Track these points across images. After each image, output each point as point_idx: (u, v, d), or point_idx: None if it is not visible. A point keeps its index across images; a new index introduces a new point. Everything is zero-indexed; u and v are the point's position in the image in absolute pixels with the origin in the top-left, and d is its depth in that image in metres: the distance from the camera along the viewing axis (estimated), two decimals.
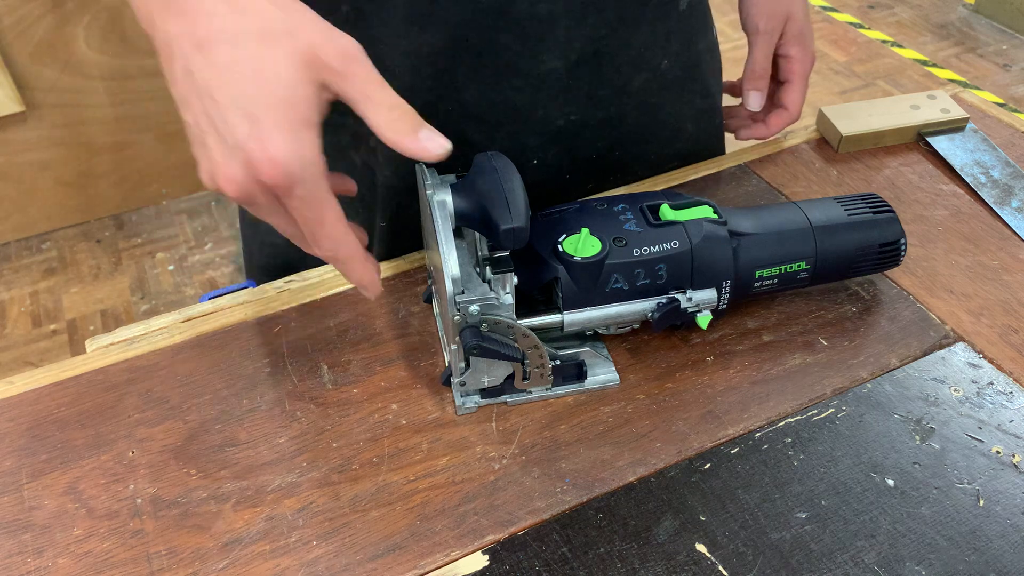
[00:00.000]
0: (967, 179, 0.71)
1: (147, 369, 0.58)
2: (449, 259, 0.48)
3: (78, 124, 2.04)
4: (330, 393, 0.56)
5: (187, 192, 2.25)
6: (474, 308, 0.49)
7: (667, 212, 0.54)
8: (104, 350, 0.60)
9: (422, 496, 0.50)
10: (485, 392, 0.54)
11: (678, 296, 0.54)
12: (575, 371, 0.55)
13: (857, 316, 0.59)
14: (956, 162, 0.72)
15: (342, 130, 0.64)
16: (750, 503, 0.48)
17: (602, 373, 0.55)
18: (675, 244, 0.53)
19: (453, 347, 0.51)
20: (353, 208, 0.67)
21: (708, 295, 0.54)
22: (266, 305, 0.62)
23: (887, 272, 0.62)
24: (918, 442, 0.51)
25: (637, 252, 0.53)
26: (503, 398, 0.54)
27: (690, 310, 0.54)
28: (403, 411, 0.54)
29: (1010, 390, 0.54)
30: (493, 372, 0.52)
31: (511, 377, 0.53)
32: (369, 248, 0.69)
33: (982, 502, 0.48)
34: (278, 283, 0.65)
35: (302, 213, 0.42)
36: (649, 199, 0.56)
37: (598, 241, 0.53)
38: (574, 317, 0.54)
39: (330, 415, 0.54)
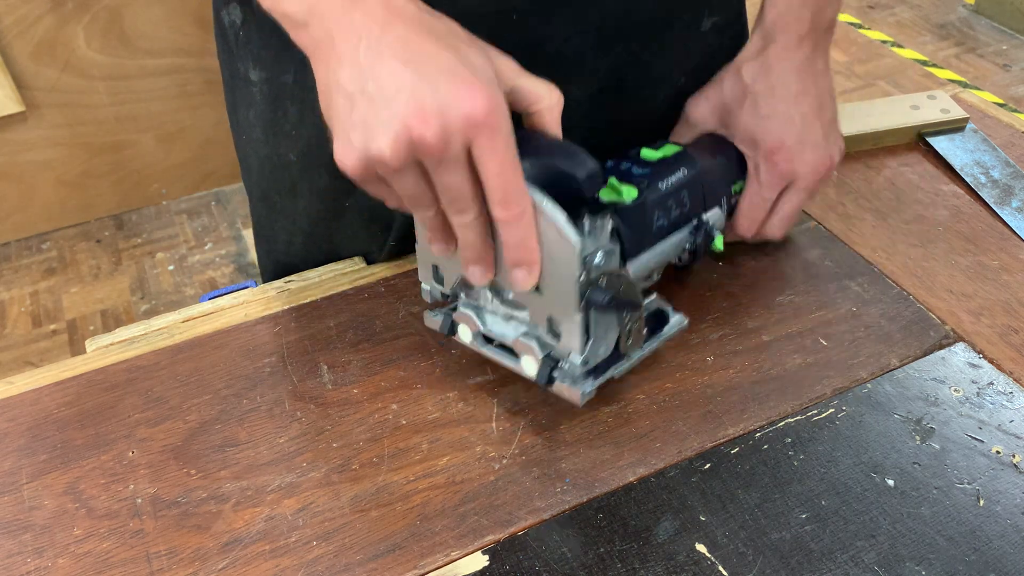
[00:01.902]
0: (967, 179, 0.71)
1: (147, 369, 0.58)
2: (557, 217, 0.44)
3: (78, 124, 2.04)
4: (330, 393, 0.56)
5: (187, 192, 2.25)
6: (598, 259, 0.45)
7: (652, 153, 0.55)
8: (104, 350, 0.60)
9: (422, 496, 0.50)
10: (596, 371, 0.50)
11: (702, 216, 0.56)
12: (654, 322, 0.53)
13: (857, 316, 0.59)
14: (956, 162, 0.72)
15: None
16: (750, 503, 0.48)
17: (672, 316, 0.54)
18: (684, 171, 0.54)
19: (573, 321, 0.46)
20: (371, 232, 0.67)
21: (717, 214, 0.56)
22: (266, 305, 0.62)
23: (887, 272, 0.62)
24: (918, 442, 0.51)
25: (663, 185, 0.52)
26: (609, 373, 0.50)
27: (711, 231, 0.56)
28: (403, 411, 0.54)
29: (1010, 390, 0.54)
30: (609, 338, 0.48)
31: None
32: (375, 258, 0.69)
33: (982, 502, 0.48)
34: (278, 283, 0.65)
35: (488, 161, 0.42)
36: (624, 156, 0.55)
37: (631, 186, 0.51)
38: (636, 264, 0.52)
39: (330, 415, 0.54)
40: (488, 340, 0.52)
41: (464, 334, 0.53)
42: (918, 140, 0.76)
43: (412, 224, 0.66)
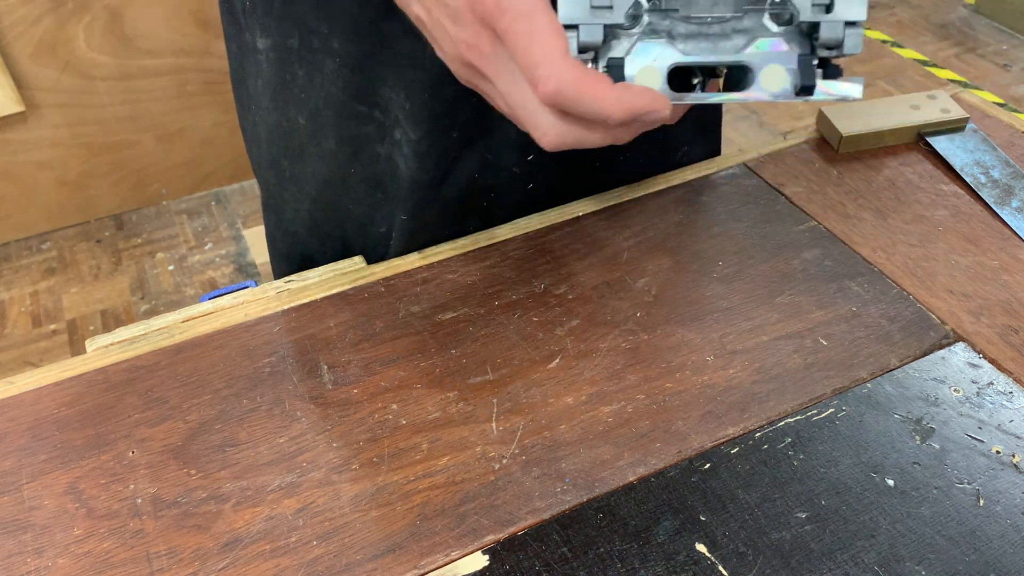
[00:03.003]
0: (967, 179, 0.71)
1: (147, 369, 0.58)
2: None
3: (78, 124, 2.05)
4: (330, 393, 0.56)
5: (187, 192, 2.25)
6: None
7: None
8: (104, 350, 0.60)
9: (422, 496, 0.50)
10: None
11: None
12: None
13: (857, 316, 0.59)
14: (956, 162, 0.72)
15: (368, 121, 0.64)
16: (750, 503, 0.48)
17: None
18: None
19: None
20: (376, 200, 0.68)
21: None
22: (266, 305, 0.62)
23: (887, 272, 0.62)
24: (918, 442, 0.51)
25: None
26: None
27: None
28: (403, 411, 0.54)
29: (1010, 390, 0.54)
30: None
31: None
32: (388, 241, 0.69)
33: (982, 502, 0.48)
34: (278, 283, 0.65)
35: (512, 34, 0.38)
36: None
37: None
38: None
39: (330, 415, 0.54)
40: (681, 80, 0.44)
41: (647, 75, 0.42)
42: (918, 140, 0.76)
43: (420, 197, 0.66)
